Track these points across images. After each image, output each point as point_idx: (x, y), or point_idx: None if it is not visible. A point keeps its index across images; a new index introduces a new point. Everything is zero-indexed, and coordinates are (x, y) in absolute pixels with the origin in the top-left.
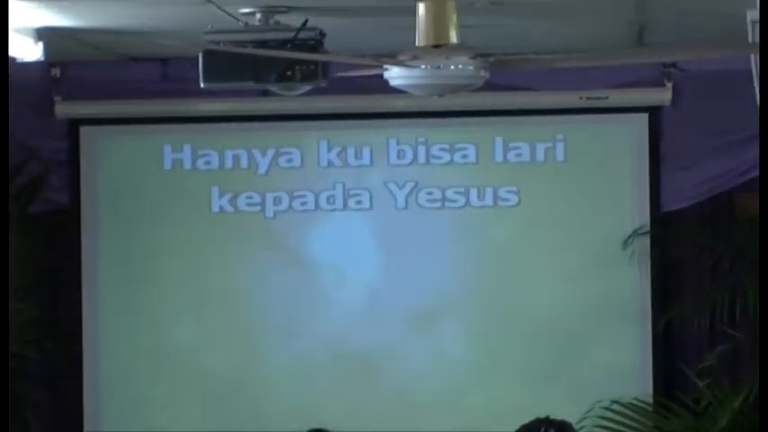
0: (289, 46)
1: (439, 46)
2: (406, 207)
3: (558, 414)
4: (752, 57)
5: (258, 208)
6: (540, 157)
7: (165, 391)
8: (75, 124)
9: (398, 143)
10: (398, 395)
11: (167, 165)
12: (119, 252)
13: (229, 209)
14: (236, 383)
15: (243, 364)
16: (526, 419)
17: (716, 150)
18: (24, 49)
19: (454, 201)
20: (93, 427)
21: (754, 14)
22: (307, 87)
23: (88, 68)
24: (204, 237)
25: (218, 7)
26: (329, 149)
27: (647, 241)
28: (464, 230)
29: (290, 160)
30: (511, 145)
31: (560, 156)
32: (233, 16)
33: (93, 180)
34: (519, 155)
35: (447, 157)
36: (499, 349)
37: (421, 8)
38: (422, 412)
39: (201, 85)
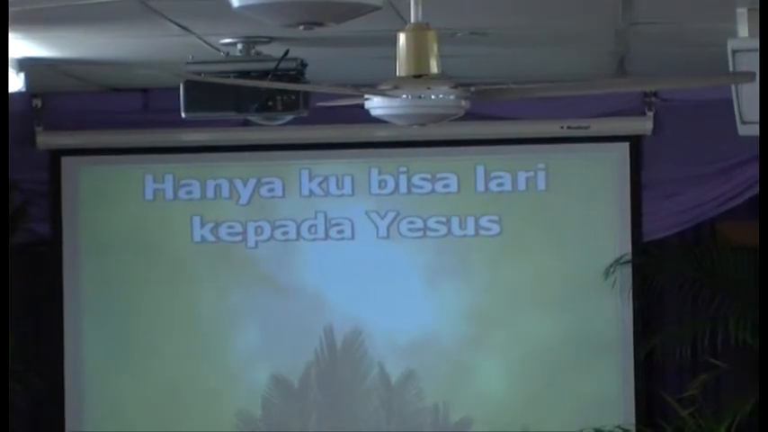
0: (270, 76)
1: (420, 76)
2: (387, 236)
3: None
4: (732, 86)
5: (240, 238)
6: (522, 186)
7: (148, 420)
8: (56, 155)
9: (380, 173)
10: (380, 422)
11: (149, 195)
12: (100, 282)
13: (211, 238)
14: (219, 412)
15: (225, 390)
16: None
17: (697, 179)
18: None
19: (436, 230)
20: None
21: (734, 44)
22: (288, 117)
23: (69, 99)
24: (186, 266)
25: (200, 38)
26: (311, 179)
27: (628, 270)
28: (445, 260)
29: (271, 190)
30: (492, 174)
31: (542, 185)
32: (214, 47)
33: (74, 210)
34: (500, 184)
35: (428, 187)
36: (481, 378)
37: (401, 38)
38: None
39: (183, 116)
